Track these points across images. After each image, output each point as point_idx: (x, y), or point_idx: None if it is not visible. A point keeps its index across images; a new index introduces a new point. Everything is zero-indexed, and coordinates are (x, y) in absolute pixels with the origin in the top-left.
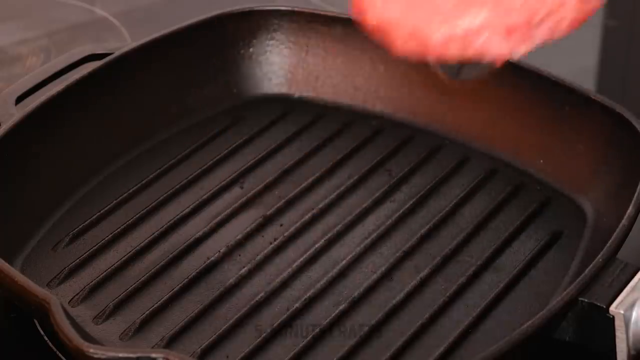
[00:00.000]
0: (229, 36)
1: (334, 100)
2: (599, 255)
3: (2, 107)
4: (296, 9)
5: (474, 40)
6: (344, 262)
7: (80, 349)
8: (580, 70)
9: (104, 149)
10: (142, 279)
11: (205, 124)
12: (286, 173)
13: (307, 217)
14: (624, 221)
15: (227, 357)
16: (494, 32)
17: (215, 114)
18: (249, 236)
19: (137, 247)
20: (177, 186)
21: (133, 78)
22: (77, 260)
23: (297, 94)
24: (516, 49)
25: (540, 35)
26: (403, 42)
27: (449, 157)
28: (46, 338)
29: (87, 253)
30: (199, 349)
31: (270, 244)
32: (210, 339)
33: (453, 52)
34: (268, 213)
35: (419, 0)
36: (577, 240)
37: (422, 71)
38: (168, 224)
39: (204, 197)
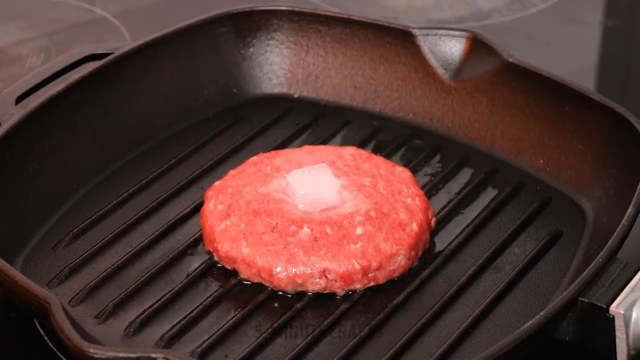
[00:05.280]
0: (229, 36)
1: (334, 100)
2: (599, 255)
3: (2, 107)
4: (296, 9)
5: (315, 281)
6: None
7: (80, 349)
8: (580, 70)
9: (104, 149)
10: (142, 279)
11: (205, 124)
12: None
13: None
14: (624, 221)
15: (227, 357)
16: (334, 277)
17: (215, 114)
18: None
19: (137, 247)
20: (177, 186)
21: (133, 78)
22: (77, 260)
23: (297, 94)
24: (354, 288)
25: (379, 277)
26: (250, 272)
27: (449, 157)
28: (46, 338)
29: (87, 253)
30: (199, 349)
31: None
32: (210, 339)
33: (296, 287)
34: None
35: (268, 240)
36: (577, 240)
37: (422, 71)
38: (168, 223)
39: None
